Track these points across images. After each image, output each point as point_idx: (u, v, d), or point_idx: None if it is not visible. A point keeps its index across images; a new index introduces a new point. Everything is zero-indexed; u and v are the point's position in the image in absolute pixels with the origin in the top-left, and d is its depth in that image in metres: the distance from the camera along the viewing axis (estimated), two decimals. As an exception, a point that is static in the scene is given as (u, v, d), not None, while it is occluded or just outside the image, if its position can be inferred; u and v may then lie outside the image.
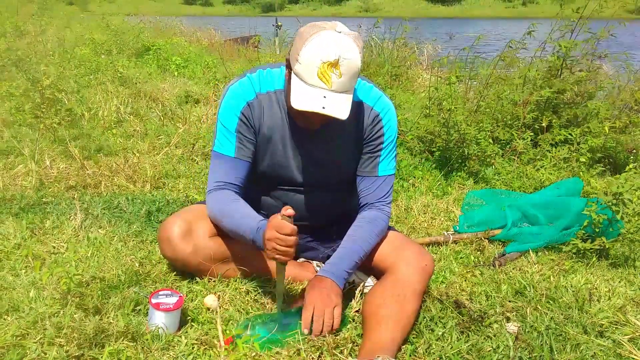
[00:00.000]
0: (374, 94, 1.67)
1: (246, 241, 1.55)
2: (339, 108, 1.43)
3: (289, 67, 1.50)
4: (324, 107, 1.41)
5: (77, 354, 1.33)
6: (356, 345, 1.48)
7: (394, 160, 1.73)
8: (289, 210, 1.45)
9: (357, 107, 1.64)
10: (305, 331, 1.46)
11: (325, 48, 1.39)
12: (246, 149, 1.65)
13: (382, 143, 1.68)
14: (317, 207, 1.78)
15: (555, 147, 3.40)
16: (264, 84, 1.65)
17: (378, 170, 1.70)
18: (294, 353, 1.42)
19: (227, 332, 1.50)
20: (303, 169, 1.70)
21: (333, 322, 1.47)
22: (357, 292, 1.71)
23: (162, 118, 4.13)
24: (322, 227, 1.85)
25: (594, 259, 2.18)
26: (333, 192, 1.78)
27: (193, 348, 1.42)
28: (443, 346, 1.51)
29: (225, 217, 1.61)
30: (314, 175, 1.72)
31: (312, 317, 1.47)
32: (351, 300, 1.66)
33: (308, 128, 1.59)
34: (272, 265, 1.79)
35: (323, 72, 1.40)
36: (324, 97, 1.41)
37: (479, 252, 2.27)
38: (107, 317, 1.48)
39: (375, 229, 1.66)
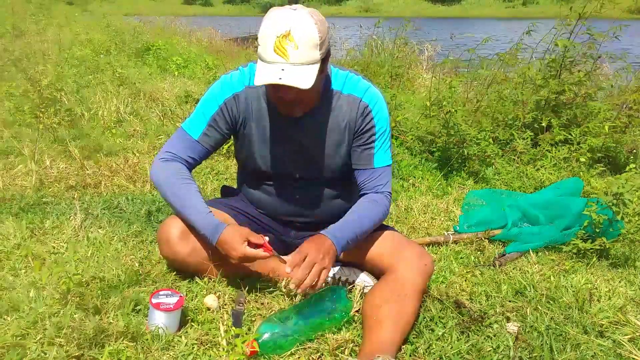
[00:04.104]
0: (361, 86, 1.66)
1: (192, 225, 1.61)
2: (299, 78, 1.42)
3: None
4: (280, 78, 1.41)
5: (77, 354, 1.32)
6: (356, 346, 1.48)
7: (389, 151, 1.72)
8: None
9: (346, 99, 1.65)
10: (288, 270, 1.46)
11: (278, 23, 1.42)
12: (211, 138, 1.68)
13: (374, 134, 1.67)
14: (309, 203, 1.78)
15: (555, 147, 3.41)
16: (253, 77, 1.64)
17: (374, 162, 1.69)
18: (293, 353, 1.42)
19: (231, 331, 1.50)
20: (292, 161, 1.71)
21: (318, 280, 1.47)
22: (357, 292, 1.71)
23: (162, 118, 4.13)
24: (318, 225, 1.85)
25: (594, 259, 2.18)
26: (326, 189, 1.78)
27: (193, 348, 1.42)
28: (443, 346, 1.51)
29: (174, 196, 1.62)
30: (303, 169, 1.72)
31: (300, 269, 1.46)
32: (351, 300, 1.66)
33: (290, 115, 1.60)
34: (270, 264, 1.79)
35: (278, 45, 1.41)
36: (282, 69, 1.42)
37: (479, 252, 2.27)
38: (107, 317, 1.48)
39: (376, 209, 1.66)
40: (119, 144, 3.38)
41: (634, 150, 3.63)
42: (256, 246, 1.55)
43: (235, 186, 2.02)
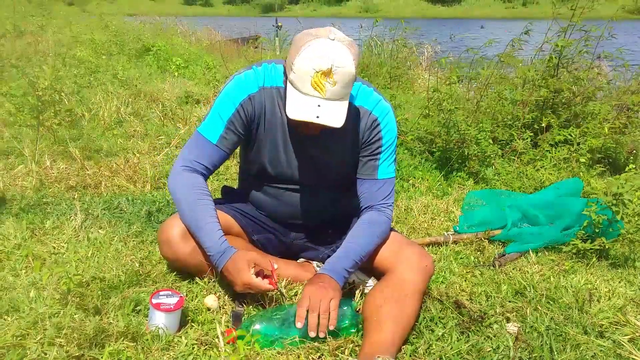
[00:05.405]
0: (373, 98, 1.66)
1: (202, 245, 1.60)
2: (334, 116, 1.43)
3: (285, 74, 1.50)
4: (318, 117, 1.41)
5: (77, 354, 1.32)
6: (357, 346, 1.48)
7: (394, 164, 1.73)
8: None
9: (356, 111, 1.64)
10: (299, 325, 1.42)
11: (318, 57, 1.39)
12: (229, 141, 1.65)
13: (380, 147, 1.68)
14: (312, 207, 1.78)
15: (555, 148, 3.41)
16: (268, 78, 1.64)
17: (378, 173, 1.70)
18: (293, 353, 1.42)
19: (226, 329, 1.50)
20: (300, 167, 1.70)
21: (329, 315, 1.42)
22: (357, 292, 1.71)
23: (162, 118, 4.13)
24: (318, 228, 1.85)
25: (594, 259, 2.18)
26: (328, 193, 1.78)
27: (193, 348, 1.42)
28: (443, 346, 1.51)
29: (190, 213, 1.60)
30: (309, 175, 1.72)
31: (308, 312, 1.43)
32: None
33: (308, 134, 1.59)
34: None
35: (316, 81, 1.40)
36: (318, 105, 1.42)
37: (479, 253, 2.27)
38: (107, 318, 1.48)
39: (376, 230, 1.65)
40: (119, 145, 3.38)
41: (634, 151, 3.63)
42: (264, 276, 1.55)
43: (235, 186, 2.02)
